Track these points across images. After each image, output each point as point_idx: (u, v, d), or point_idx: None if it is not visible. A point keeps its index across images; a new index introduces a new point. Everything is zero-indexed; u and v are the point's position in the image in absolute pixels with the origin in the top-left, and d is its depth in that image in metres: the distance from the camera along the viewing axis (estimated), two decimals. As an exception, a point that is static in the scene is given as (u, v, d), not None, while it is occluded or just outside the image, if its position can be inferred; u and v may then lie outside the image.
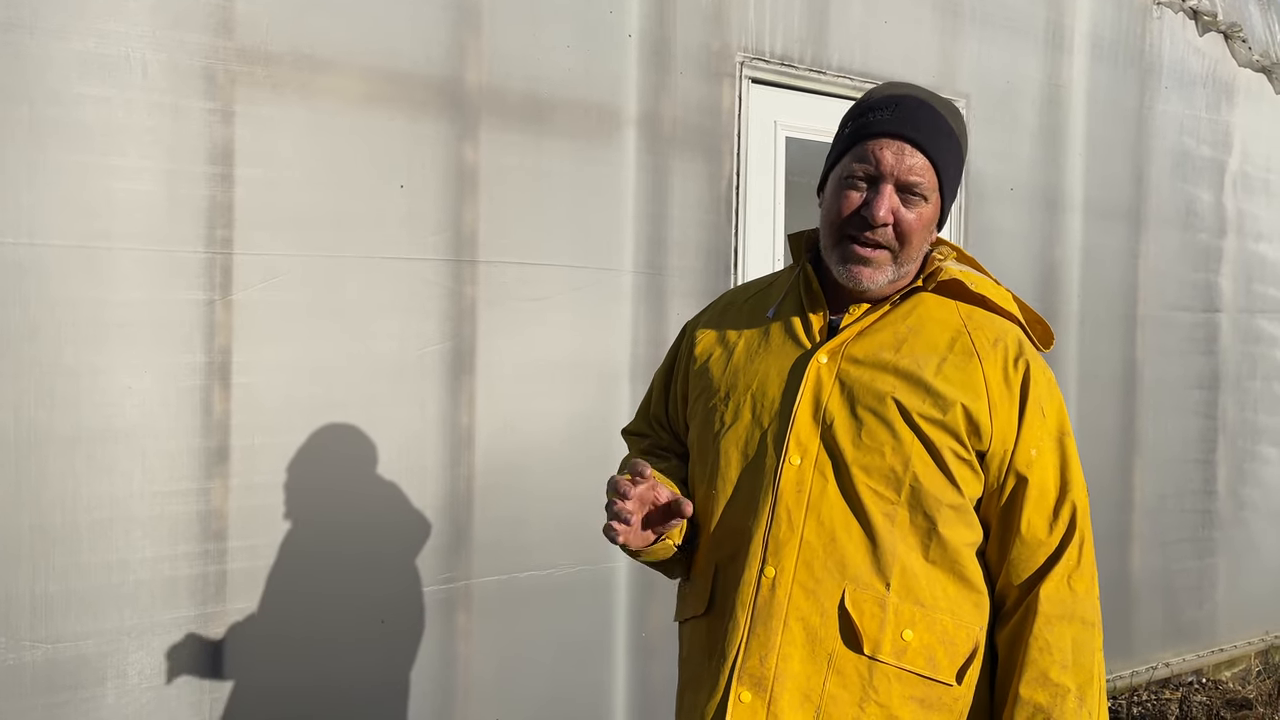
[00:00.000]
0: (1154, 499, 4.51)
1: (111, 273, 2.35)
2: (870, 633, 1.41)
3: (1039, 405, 1.46)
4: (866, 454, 1.43)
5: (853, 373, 1.47)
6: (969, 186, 3.88)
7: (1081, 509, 1.46)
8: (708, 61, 3.24)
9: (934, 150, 1.46)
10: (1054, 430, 1.47)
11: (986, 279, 1.56)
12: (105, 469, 2.35)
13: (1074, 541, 1.44)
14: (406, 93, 2.72)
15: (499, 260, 2.87)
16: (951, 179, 1.50)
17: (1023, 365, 1.47)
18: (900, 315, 1.51)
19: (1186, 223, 4.61)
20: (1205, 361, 4.70)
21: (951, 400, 1.42)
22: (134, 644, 2.39)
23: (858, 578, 1.41)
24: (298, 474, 2.59)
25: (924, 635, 1.42)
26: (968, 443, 1.43)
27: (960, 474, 1.43)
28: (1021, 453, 1.44)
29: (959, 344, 1.47)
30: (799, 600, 1.42)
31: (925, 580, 1.43)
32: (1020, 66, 4.02)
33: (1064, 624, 1.40)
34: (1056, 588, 1.41)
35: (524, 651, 2.94)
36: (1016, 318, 1.54)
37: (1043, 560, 1.43)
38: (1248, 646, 4.90)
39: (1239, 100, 4.80)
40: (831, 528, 1.43)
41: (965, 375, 1.44)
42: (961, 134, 1.52)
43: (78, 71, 2.31)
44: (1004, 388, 1.45)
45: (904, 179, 1.45)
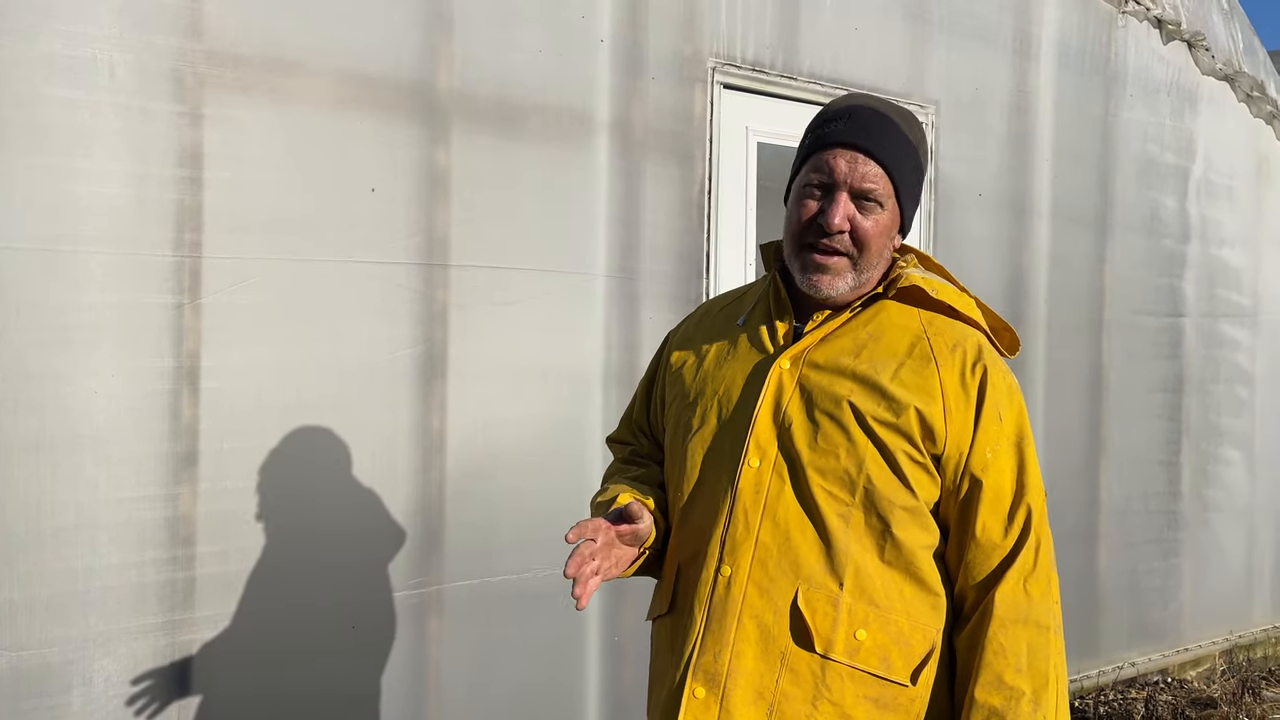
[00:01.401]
0: (1120, 500, 4.57)
1: (78, 276, 2.33)
2: (823, 631, 1.43)
3: (995, 410, 1.47)
4: (822, 456, 1.46)
5: (813, 377, 1.50)
6: (938, 192, 3.92)
7: (1038, 513, 1.47)
8: (680, 67, 3.25)
9: (886, 157, 1.49)
10: (1011, 434, 1.48)
11: (950, 286, 1.58)
12: (71, 475, 2.32)
13: (1029, 545, 1.45)
14: (377, 96, 2.71)
15: (471, 264, 2.87)
16: (908, 185, 1.52)
17: (980, 370, 1.48)
18: (862, 322, 1.53)
19: (1151, 228, 4.68)
20: (1169, 365, 4.77)
21: (905, 404, 1.44)
22: (101, 651, 2.37)
23: (811, 577, 1.44)
24: (267, 479, 2.58)
25: (878, 635, 1.43)
26: (922, 446, 1.45)
27: (914, 476, 1.45)
28: (976, 456, 1.46)
29: (918, 349, 1.49)
30: (753, 598, 1.45)
31: (880, 581, 1.45)
32: (988, 74, 4.07)
33: (1019, 627, 1.41)
34: (1011, 591, 1.42)
35: (496, 655, 2.94)
36: (979, 323, 1.55)
37: (998, 563, 1.44)
38: (1212, 646, 4.98)
39: (1202, 108, 4.88)
40: (787, 528, 1.46)
41: (921, 380, 1.46)
42: (919, 142, 1.54)
43: (44, 74, 2.29)
44: (960, 392, 1.46)
45: (858, 186, 1.49)
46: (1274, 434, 5.31)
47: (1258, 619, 5.25)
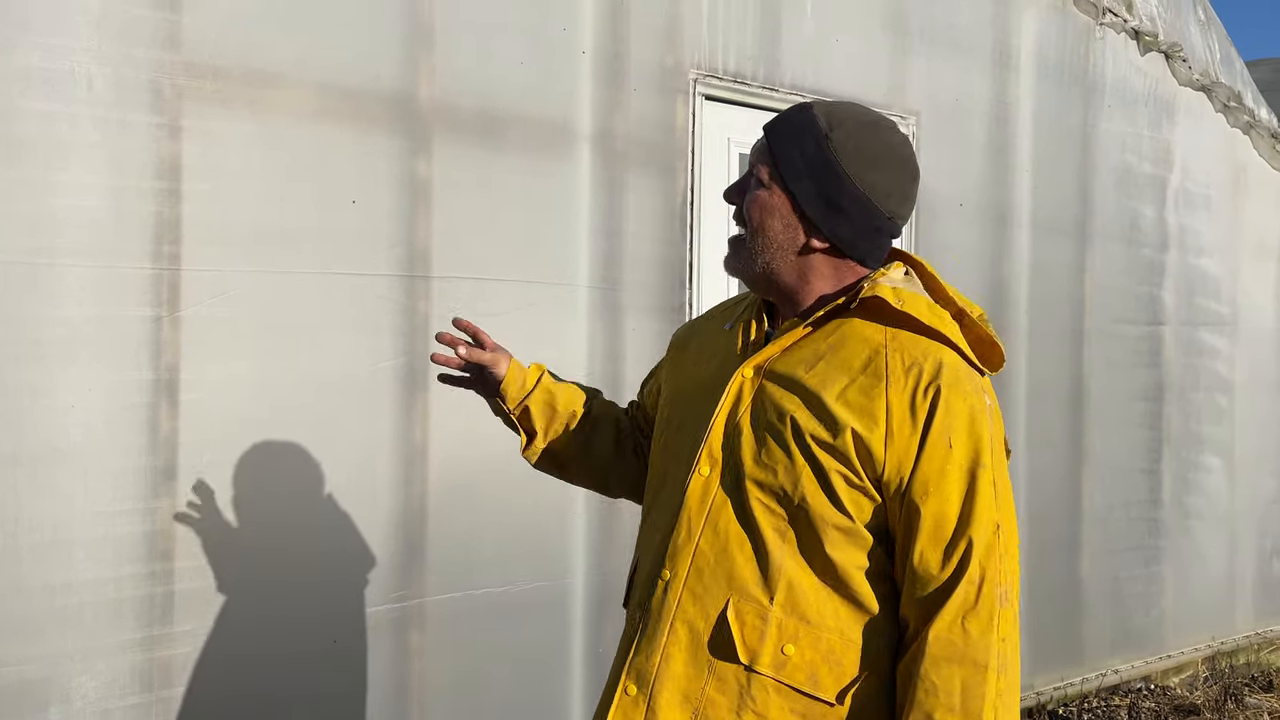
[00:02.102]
0: (1102, 508, 4.59)
1: (55, 289, 2.32)
2: (750, 644, 1.43)
3: (944, 435, 1.40)
4: (762, 470, 1.44)
5: (767, 388, 1.48)
6: (919, 203, 3.94)
7: (983, 546, 1.38)
8: (661, 78, 3.26)
9: (775, 140, 1.50)
10: (962, 461, 1.40)
11: (921, 298, 1.51)
12: (47, 489, 2.30)
13: (968, 579, 1.37)
14: (358, 107, 2.71)
15: (453, 275, 2.87)
16: (795, 169, 1.47)
17: (932, 391, 1.41)
18: (824, 333, 1.50)
19: (1130, 238, 4.72)
20: (1150, 374, 4.80)
21: (843, 425, 1.40)
22: (78, 668, 2.34)
23: (743, 589, 1.44)
24: (247, 492, 2.56)
25: (807, 652, 1.42)
26: (859, 469, 1.41)
27: (850, 499, 1.42)
28: (917, 482, 1.40)
29: (872, 365, 1.44)
30: (686, 605, 1.46)
31: (814, 598, 1.43)
32: (968, 85, 4.10)
33: (952, 666, 1.36)
34: (947, 628, 1.37)
35: (479, 669, 2.92)
36: (950, 339, 1.47)
37: (934, 596, 1.39)
38: (1195, 653, 5.00)
39: (1180, 118, 4.93)
40: (726, 538, 1.46)
41: (867, 400, 1.41)
42: (839, 139, 1.46)
43: (20, 86, 2.27)
44: (907, 414, 1.41)
45: (750, 165, 1.54)
46: (1253, 441, 5.36)
47: (1240, 625, 5.28)
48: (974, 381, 1.46)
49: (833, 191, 1.46)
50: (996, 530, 1.40)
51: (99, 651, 2.37)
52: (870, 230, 1.50)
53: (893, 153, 1.50)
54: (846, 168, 1.46)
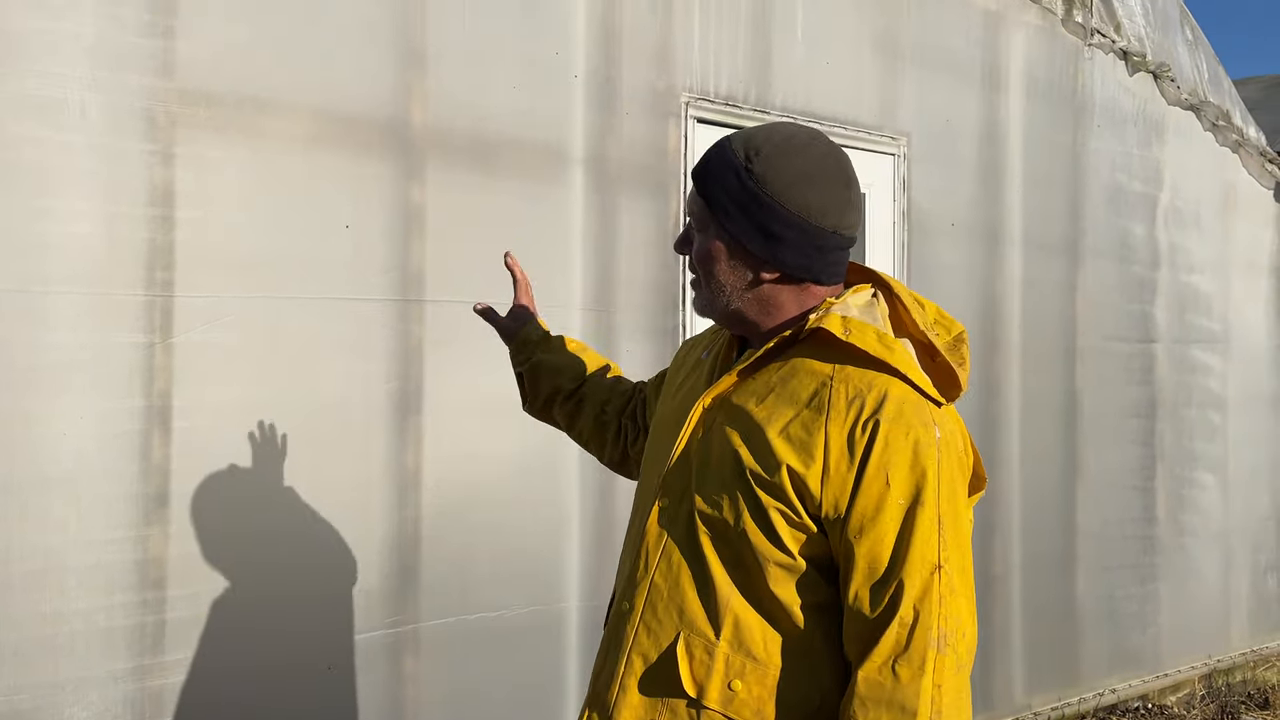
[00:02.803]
0: (1096, 525, 4.59)
1: (48, 316, 2.31)
2: (697, 678, 1.42)
3: (882, 471, 1.35)
4: (709, 505, 1.43)
5: (719, 420, 1.47)
6: (911, 223, 3.96)
7: (917, 588, 1.33)
8: (653, 102, 3.28)
9: (703, 185, 1.48)
10: (900, 499, 1.35)
11: (869, 327, 1.43)
12: (39, 517, 2.29)
13: (899, 621, 1.33)
14: (352, 133, 2.71)
15: (447, 299, 2.87)
16: (730, 214, 1.44)
17: (870, 426, 1.36)
18: (776, 366, 1.46)
19: (1121, 256, 4.74)
20: (1142, 391, 4.81)
21: (779, 461, 1.38)
22: (69, 698, 2.33)
23: (693, 624, 1.44)
24: (240, 519, 2.55)
25: (754, 687, 1.41)
26: (798, 506, 1.38)
27: (791, 535, 1.39)
28: (853, 520, 1.35)
29: (817, 399, 1.40)
30: (641, 637, 1.47)
31: (760, 634, 1.42)
32: (959, 106, 4.12)
33: (879, 709, 1.32)
34: (878, 670, 1.33)
35: (474, 695, 2.91)
36: (897, 370, 1.41)
37: (867, 636, 1.35)
38: (1191, 671, 4.99)
39: (1169, 137, 4.96)
40: (678, 573, 1.46)
41: (807, 435, 1.38)
42: (759, 168, 1.42)
43: (14, 113, 2.28)
44: (845, 450, 1.36)
45: (687, 214, 1.55)
46: (1247, 457, 5.37)
47: (1235, 643, 5.27)
48: (922, 415, 1.39)
49: (765, 221, 1.42)
50: (936, 571, 1.34)
51: (91, 681, 2.35)
52: (813, 250, 1.44)
53: (817, 166, 1.44)
54: (772, 195, 1.41)
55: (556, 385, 1.94)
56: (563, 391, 1.94)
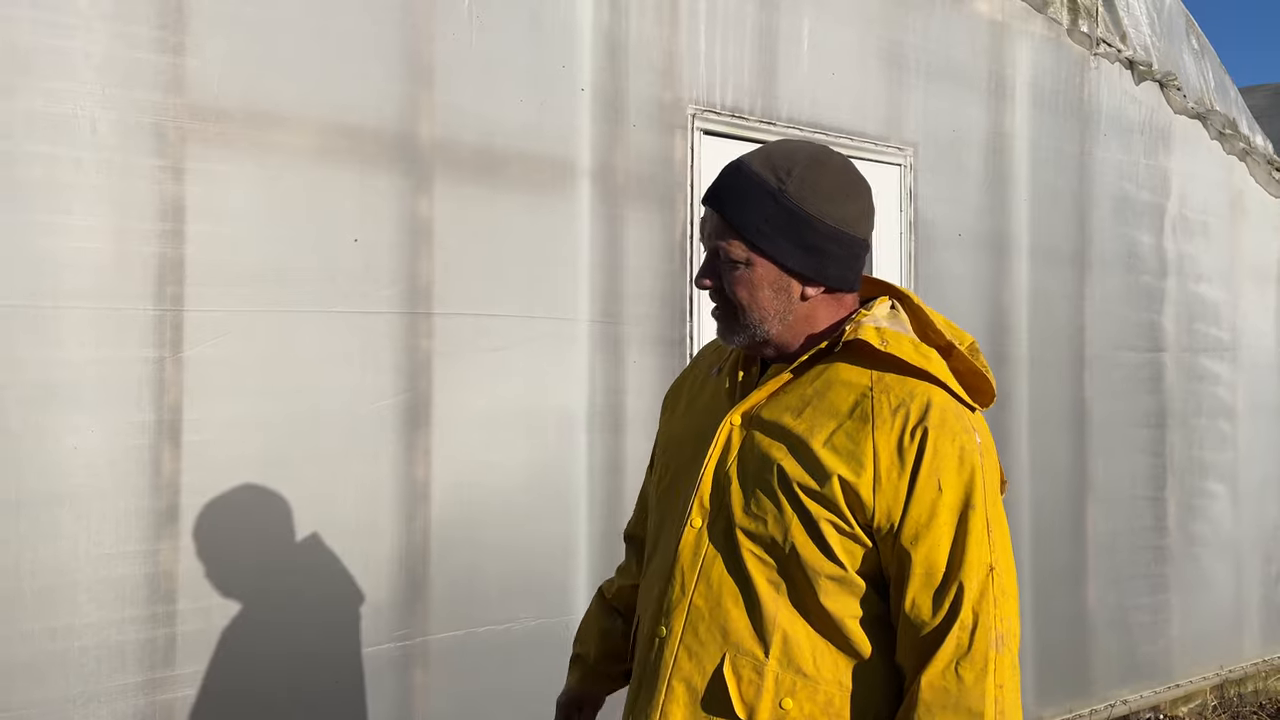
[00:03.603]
0: (1106, 536, 4.57)
1: (58, 332, 2.32)
2: (747, 699, 1.40)
3: (934, 477, 1.37)
4: (753, 521, 1.42)
5: (755, 437, 1.45)
6: (918, 234, 3.96)
7: (975, 591, 1.36)
8: (660, 114, 3.29)
9: (734, 213, 1.44)
10: (953, 504, 1.38)
11: (906, 336, 1.47)
12: (50, 533, 2.30)
13: (960, 625, 1.35)
14: (359, 147, 2.72)
15: (454, 312, 2.87)
16: (765, 234, 1.43)
17: (919, 434, 1.38)
18: (810, 377, 1.47)
19: (1129, 265, 4.73)
20: (1152, 400, 4.80)
21: (829, 472, 1.38)
22: (79, 713, 2.33)
23: (739, 644, 1.42)
24: (249, 532, 2.55)
25: (805, 705, 1.40)
26: (849, 516, 1.38)
27: (843, 546, 1.39)
28: (908, 528, 1.37)
29: (859, 409, 1.41)
30: (683, 661, 1.44)
31: (809, 650, 1.41)
32: (965, 116, 4.13)
33: (946, 714, 1.34)
34: (941, 675, 1.34)
35: (483, 708, 2.90)
36: (936, 377, 1.44)
37: (928, 643, 1.37)
38: (1203, 681, 4.96)
39: (1176, 146, 4.96)
40: (719, 592, 1.43)
41: (854, 445, 1.39)
42: (794, 188, 1.43)
43: (25, 129, 2.29)
44: (895, 458, 1.38)
45: (712, 245, 1.48)
46: (1258, 467, 5.34)
47: (1247, 653, 5.24)
48: (963, 420, 1.43)
49: (811, 239, 1.43)
50: (990, 572, 1.37)
51: (101, 695, 2.35)
52: (853, 259, 1.48)
53: (845, 178, 1.47)
54: (814, 212, 1.43)
55: (615, 644, 1.80)
56: (625, 636, 1.80)
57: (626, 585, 1.81)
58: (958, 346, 1.52)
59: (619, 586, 1.83)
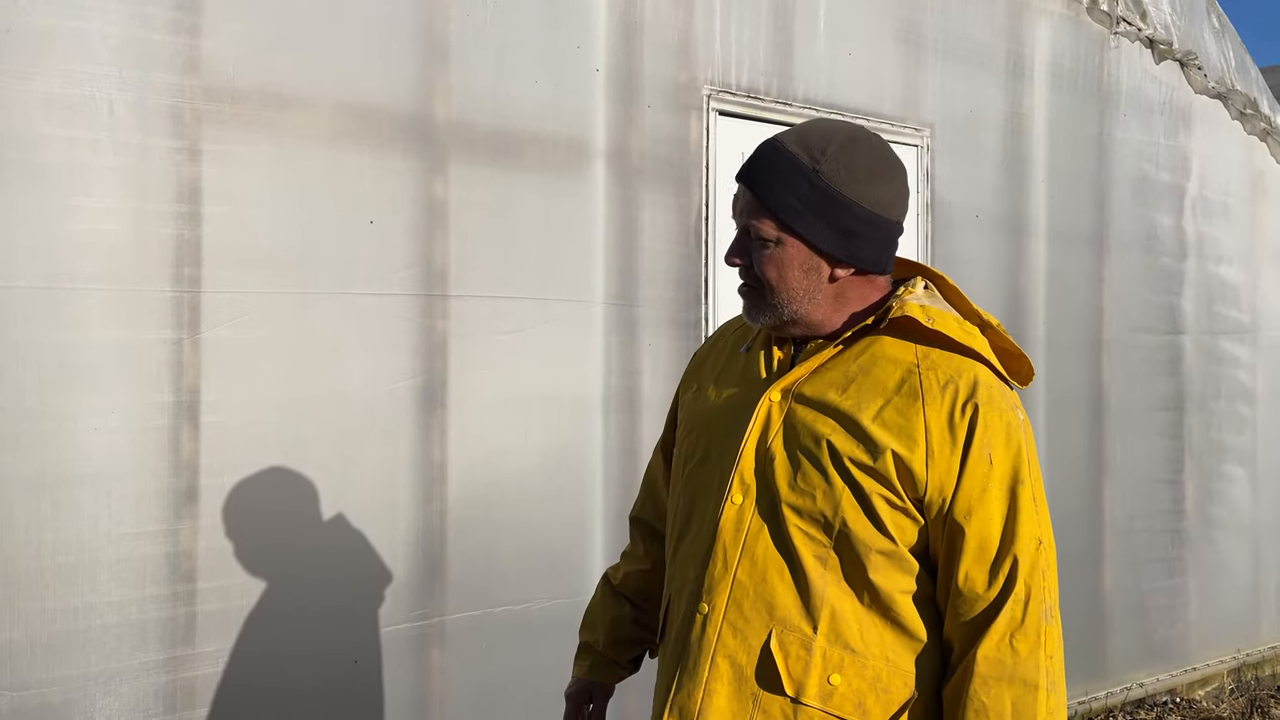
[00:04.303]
0: (1124, 519, 4.55)
1: (77, 314, 2.33)
2: (795, 675, 1.40)
3: (984, 451, 1.39)
4: (800, 496, 1.42)
5: (798, 412, 1.45)
6: (934, 215, 3.93)
7: (1027, 563, 1.38)
8: (675, 95, 3.27)
9: (766, 192, 1.44)
10: (1003, 478, 1.39)
11: (950, 314, 1.49)
12: (71, 512, 2.32)
13: (1014, 598, 1.36)
14: (375, 129, 2.72)
15: (470, 294, 2.88)
16: (800, 214, 1.42)
17: (970, 409, 1.39)
18: (852, 354, 1.47)
19: (1148, 247, 4.69)
20: (1170, 383, 4.77)
21: (883, 446, 1.38)
22: (101, 690, 2.35)
23: (785, 620, 1.41)
24: (268, 513, 2.57)
25: (853, 680, 1.40)
26: (901, 490, 1.39)
27: (893, 521, 1.40)
28: (960, 502, 1.38)
29: (907, 385, 1.42)
30: (727, 638, 1.44)
31: (858, 625, 1.41)
32: (983, 96, 4.09)
33: (1002, 686, 1.35)
34: (996, 647, 1.36)
35: (500, 688, 2.92)
36: (981, 355, 1.46)
37: (981, 616, 1.38)
38: (1220, 665, 4.95)
39: (1196, 126, 4.91)
40: (764, 568, 1.43)
41: (905, 420, 1.40)
42: (829, 169, 1.42)
43: (42, 112, 2.30)
44: (946, 433, 1.39)
45: (743, 224, 1.47)
46: (1276, 450, 5.30)
47: (1265, 636, 5.22)
48: (1007, 398, 1.44)
49: (844, 220, 1.43)
50: (1039, 546, 1.39)
51: (122, 673, 2.37)
52: (885, 242, 1.48)
53: (881, 160, 1.47)
54: (848, 194, 1.43)
55: (624, 631, 1.79)
56: (640, 613, 1.79)
57: (634, 570, 1.80)
58: (992, 325, 1.54)
59: (625, 572, 1.82)
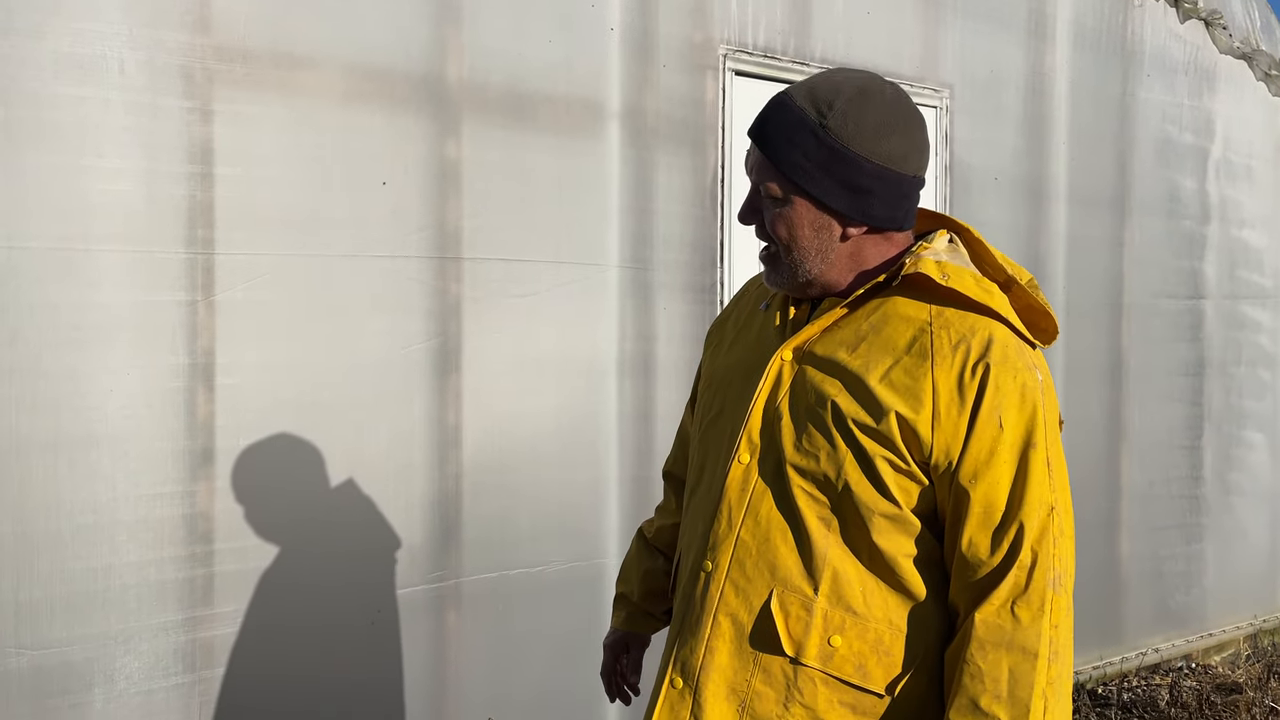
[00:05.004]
0: (1142, 486, 4.53)
1: (91, 275, 2.33)
2: (795, 636, 1.39)
3: (994, 415, 1.34)
4: (804, 457, 1.39)
5: (807, 372, 1.43)
6: (953, 177, 3.88)
7: (1035, 530, 1.34)
8: (690, 54, 3.23)
9: (774, 150, 1.40)
10: (1014, 442, 1.35)
11: (966, 271, 1.42)
12: (88, 474, 2.33)
13: (1019, 565, 1.33)
14: (387, 89, 2.70)
15: (484, 257, 2.86)
16: (810, 175, 1.38)
17: (981, 370, 1.35)
18: (864, 313, 1.43)
19: (1170, 210, 4.63)
20: (1190, 348, 4.72)
21: (887, 408, 1.35)
22: (121, 649, 2.37)
23: (787, 580, 1.40)
24: (284, 474, 2.57)
25: (855, 643, 1.38)
26: (905, 453, 1.36)
27: (897, 484, 1.37)
28: (966, 465, 1.34)
29: (917, 345, 1.38)
30: (729, 597, 1.43)
31: (860, 588, 1.39)
32: (1003, 56, 4.02)
33: (999, 652, 1.32)
34: (996, 613, 1.33)
35: (515, 649, 2.93)
36: (997, 312, 1.40)
37: (984, 582, 1.35)
38: (1236, 631, 4.93)
39: (1220, 87, 4.82)
40: (767, 528, 1.41)
41: (912, 380, 1.36)
42: (835, 123, 1.37)
43: (53, 72, 2.28)
44: (955, 394, 1.35)
45: (754, 182, 1.44)
46: (1297, 416, 5.25)
47: (1282, 603, 5.20)
48: (1025, 357, 1.39)
49: (851, 177, 1.38)
50: (1050, 512, 1.35)
51: (142, 632, 2.39)
52: (900, 198, 1.42)
53: (893, 112, 1.40)
54: (856, 149, 1.37)
55: (658, 583, 1.80)
56: (668, 574, 1.79)
57: (667, 524, 1.81)
58: (1018, 282, 1.48)
59: (659, 526, 1.82)
